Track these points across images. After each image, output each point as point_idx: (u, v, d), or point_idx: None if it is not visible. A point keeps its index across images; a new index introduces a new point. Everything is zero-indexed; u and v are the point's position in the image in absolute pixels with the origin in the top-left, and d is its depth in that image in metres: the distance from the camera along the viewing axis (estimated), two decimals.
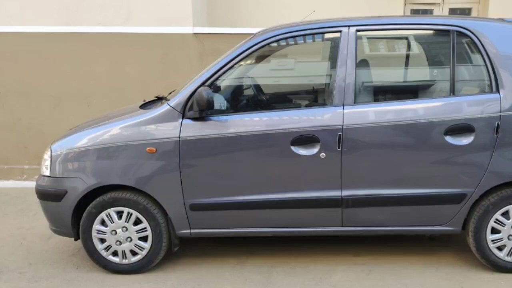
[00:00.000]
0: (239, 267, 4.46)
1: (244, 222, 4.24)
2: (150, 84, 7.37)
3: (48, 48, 7.50)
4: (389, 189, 4.10)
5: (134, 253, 4.31)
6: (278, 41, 4.26)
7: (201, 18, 8.16)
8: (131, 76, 7.55)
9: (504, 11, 7.11)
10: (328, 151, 4.01)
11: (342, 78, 4.06)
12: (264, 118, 4.13)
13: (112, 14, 7.44)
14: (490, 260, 4.22)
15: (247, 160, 4.10)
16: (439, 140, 4.00)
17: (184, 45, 7.45)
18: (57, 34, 7.46)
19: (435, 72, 4.66)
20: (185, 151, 4.05)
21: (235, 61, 4.15)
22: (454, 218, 4.17)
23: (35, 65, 7.54)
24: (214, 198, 4.15)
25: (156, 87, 6.89)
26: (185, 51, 7.47)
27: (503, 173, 4.05)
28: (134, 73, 7.55)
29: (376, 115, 4.04)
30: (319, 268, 4.41)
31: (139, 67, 7.53)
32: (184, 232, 4.27)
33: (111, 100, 7.45)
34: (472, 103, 4.03)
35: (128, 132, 4.11)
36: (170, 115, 4.09)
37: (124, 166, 4.12)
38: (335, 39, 4.28)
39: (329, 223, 4.22)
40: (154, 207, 4.19)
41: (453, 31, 4.09)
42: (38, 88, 7.61)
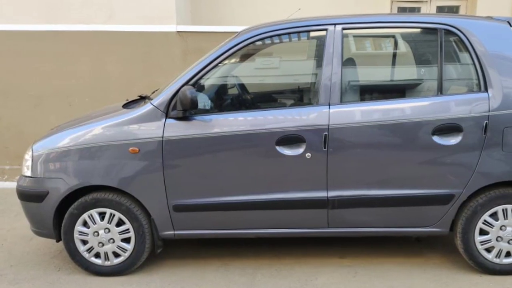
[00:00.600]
0: (223, 269, 4.52)
1: (228, 223, 4.31)
2: (133, 83, 7.43)
3: (28, 47, 7.54)
4: (376, 190, 4.17)
5: (117, 255, 4.36)
6: (263, 40, 4.32)
7: (184, 16, 8.23)
8: (114, 75, 7.60)
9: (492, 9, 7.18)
10: (314, 151, 4.07)
11: (328, 77, 4.12)
12: (248, 117, 4.19)
13: (94, 12, 7.49)
14: (478, 262, 4.29)
15: (232, 161, 4.16)
16: (427, 140, 4.06)
17: (168, 43, 7.51)
18: (37, 33, 7.50)
19: (423, 71, 4.72)
20: (168, 151, 4.11)
21: (219, 60, 4.21)
22: (441, 219, 4.24)
23: (15, 64, 7.59)
24: (198, 199, 4.21)
25: (139, 86, 7.00)
26: (168, 50, 7.53)
27: (492, 174, 4.12)
28: (117, 72, 7.60)
29: (362, 115, 4.11)
30: (305, 270, 4.48)
31: (121, 66, 7.58)
32: (168, 234, 4.33)
33: (93, 100, 7.50)
34: (460, 103, 4.09)
35: (110, 132, 4.17)
36: (153, 114, 4.15)
37: (106, 167, 4.17)
38: (321, 37, 4.34)
39: (314, 224, 4.29)
40: (137, 208, 4.25)
41: (440, 30, 4.16)
42: (18, 88, 7.65)
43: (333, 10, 5.74)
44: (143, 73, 7.53)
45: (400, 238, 5.07)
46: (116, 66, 7.59)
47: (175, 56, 7.52)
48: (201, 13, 8.81)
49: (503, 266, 4.28)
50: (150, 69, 7.52)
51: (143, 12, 7.48)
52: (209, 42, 6.22)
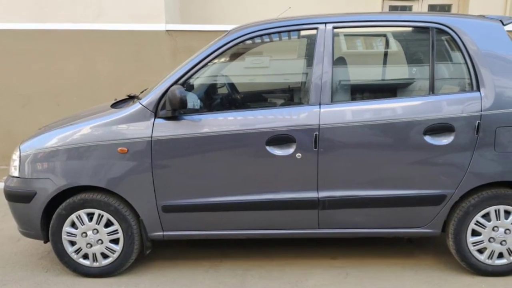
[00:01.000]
0: (213, 270, 4.55)
1: (218, 224, 4.34)
2: (122, 82, 7.47)
3: (16, 46, 7.58)
4: (367, 190, 4.20)
5: (105, 256, 4.39)
6: (253, 39, 4.35)
7: (174, 15, 8.27)
8: (102, 74, 7.64)
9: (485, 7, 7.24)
10: (304, 151, 4.10)
11: (319, 76, 4.15)
12: (238, 117, 4.22)
13: (83, 11, 7.53)
14: (471, 263, 4.33)
15: (221, 161, 4.19)
16: (418, 140, 4.09)
17: (157, 42, 7.56)
18: (26, 31, 7.55)
19: (414, 70, 4.76)
20: (157, 151, 4.14)
21: (209, 59, 4.23)
22: (433, 220, 4.28)
23: (3, 63, 7.63)
24: (187, 199, 4.24)
25: (128, 85, 7.06)
26: (157, 49, 7.58)
27: (484, 174, 4.16)
28: (105, 71, 7.65)
29: (353, 115, 4.13)
30: (295, 271, 4.51)
31: (110, 65, 7.63)
32: (157, 235, 4.36)
33: (81, 99, 7.55)
34: (452, 102, 4.12)
35: (99, 132, 4.20)
36: (142, 114, 4.18)
37: (94, 167, 4.20)
38: (311, 36, 4.36)
39: (305, 225, 4.32)
40: (125, 209, 4.28)
41: (432, 28, 4.19)
42: (6, 87, 7.70)
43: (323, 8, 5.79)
44: (132, 72, 7.57)
45: (391, 239, 5.09)
46: (105, 65, 7.63)
47: (164, 55, 7.58)
48: (190, 11, 8.88)
49: (496, 267, 4.32)
50: (139, 68, 7.57)
51: (132, 11, 7.53)
52: (199, 41, 6.25)
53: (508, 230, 4.22)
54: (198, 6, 8.99)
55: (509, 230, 4.22)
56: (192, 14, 8.91)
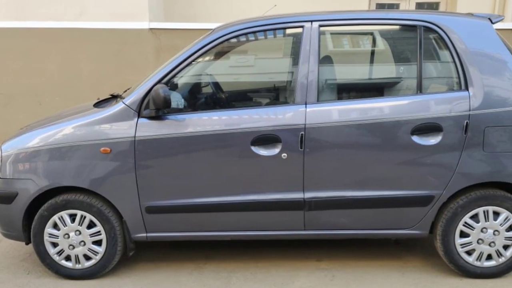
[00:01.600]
0: (197, 273, 4.54)
1: (202, 225, 4.34)
2: (105, 81, 7.46)
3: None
4: (354, 191, 4.20)
5: (88, 258, 4.38)
6: (238, 37, 4.32)
7: (157, 13, 8.27)
8: (85, 73, 7.63)
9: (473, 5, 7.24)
10: (290, 151, 4.09)
11: (305, 75, 4.14)
12: (223, 117, 4.21)
13: (65, 9, 7.53)
14: (459, 265, 4.32)
15: (206, 161, 4.18)
16: (406, 140, 4.09)
17: (140, 41, 7.55)
18: (6, 30, 7.55)
19: (402, 69, 4.75)
20: (140, 151, 4.13)
21: (193, 58, 4.22)
22: (421, 221, 4.27)
23: None
24: (171, 200, 4.23)
25: (111, 84, 7.01)
26: (141, 47, 7.57)
27: (472, 175, 4.15)
28: (88, 70, 7.64)
29: (340, 114, 4.13)
30: (281, 273, 4.51)
31: (93, 64, 7.62)
32: (140, 236, 4.35)
33: (63, 98, 7.55)
34: (440, 102, 4.12)
35: (81, 132, 4.19)
36: (125, 114, 4.16)
37: (77, 167, 4.18)
38: (297, 34, 4.35)
39: (291, 226, 4.31)
40: (108, 210, 4.27)
41: (420, 27, 4.19)
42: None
43: (310, 6, 5.76)
44: (115, 71, 7.56)
45: (378, 240, 5.10)
46: (87, 64, 7.63)
47: (148, 53, 7.58)
48: (174, 9, 8.87)
49: (484, 269, 4.32)
50: (122, 67, 7.56)
51: (115, 9, 7.52)
52: (183, 39, 6.23)
53: (497, 231, 4.22)
54: (182, 4, 8.99)
55: (498, 231, 4.22)
56: (176, 12, 8.90)
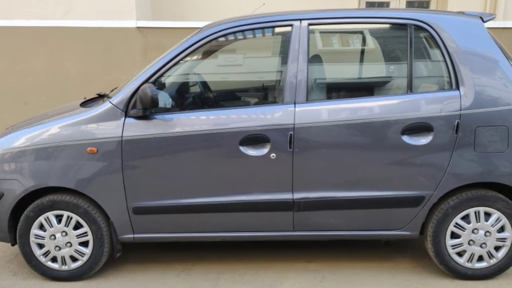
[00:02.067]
0: (185, 274, 4.52)
1: (190, 226, 4.32)
2: (91, 81, 7.43)
3: None
4: (343, 192, 4.18)
5: (74, 259, 4.36)
6: (226, 36, 4.31)
7: (145, 12, 8.23)
8: (71, 72, 7.60)
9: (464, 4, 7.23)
10: (279, 151, 4.07)
11: (294, 74, 4.12)
12: (211, 116, 4.19)
13: (51, 7, 7.49)
14: (450, 266, 4.30)
15: (194, 161, 4.16)
16: (396, 139, 4.07)
17: (127, 39, 7.52)
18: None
19: (392, 68, 4.74)
20: (128, 151, 4.10)
21: (180, 57, 4.20)
22: (411, 222, 4.25)
23: None
24: (158, 201, 4.21)
25: (98, 84, 7.00)
26: (128, 46, 7.54)
27: (463, 175, 4.13)
28: (74, 70, 7.60)
29: (329, 114, 4.11)
30: (269, 275, 4.49)
31: (79, 63, 7.58)
32: (127, 237, 4.33)
33: (50, 98, 7.51)
34: (430, 101, 4.10)
35: (67, 132, 4.16)
36: (112, 113, 4.14)
37: (63, 167, 4.16)
38: (286, 33, 4.33)
39: (280, 227, 4.29)
40: (95, 211, 4.24)
41: (410, 25, 4.16)
42: None
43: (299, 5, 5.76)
44: (102, 70, 7.53)
45: (368, 241, 5.09)
46: (73, 63, 7.59)
47: (135, 52, 7.54)
48: (161, 8, 8.84)
49: (475, 270, 4.30)
50: (109, 66, 7.52)
51: (102, 7, 7.49)
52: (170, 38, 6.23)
53: (488, 232, 4.20)
54: (170, 2, 8.95)
55: (489, 232, 4.20)
56: (164, 10, 8.87)
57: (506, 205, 4.19)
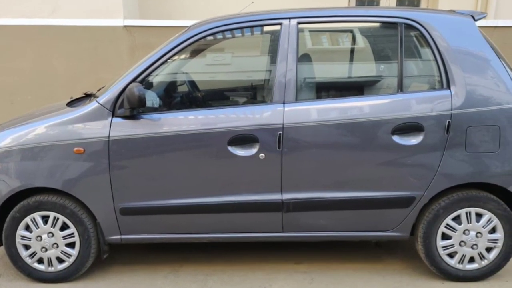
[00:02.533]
0: (173, 276, 4.49)
1: (178, 227, 4.29)
2: (78, 80, 7.40)
3: None
4: (333, 192, 4.15)
5: (61, 260, 4.32)
6: (214, 34, 4.29)
7: (132, 10, 8.22)
8: (58, 71, 7.57)
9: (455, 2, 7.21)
10: (268, 151, 4.04)
11: (283, 73, 4.09)
12: (199, 116, 4.16)
13: (38, 5, 7.46)
14: (440, 267, 4.28)
15: (181, 161, 4.13)
16: (386, 139, 4.04)
17: (114, 38, 7.49)
18: None
19: (382, 68, 4.72)
20: (115, 151, 4.08)
21: (168, 56, 4.17)
22: (402, 223, 4.23)
23: None
24: (146, 201, 4.18)
25: (85, 83, 6.98)
26: (115, 45, 7.51)
27: (454, 175, 4.11)
28: (61, 69, 7.58)
29: (319, 113, 4.08)
30: (258, 276, 4.46)
31: (66, 62, 7.55)
32: (114, 238, 4.30)
33: (36, 97, 7.48)
34: (421, 101, 4.08)
35: (54, 132, 4.13)
36: (99, 113, 4.11)
37: (50, 168, 4.13)
38: (275, 32, 4.31)
39: (269, 228, 4.27)
40: (82, 212, 4.21)
41: (401, 24, 4.14)
42: None
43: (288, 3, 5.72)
44: (89, 69, 7.50)
45: (358, 243, 5.07)
46: (60, 62, 7.56)
47: (122, 51, 7.52)
48: (149, 6, 8.82)
49: (466, 272, 4.28)
50: (96, 65, 7.49)
51: (89, 6, 7.46)
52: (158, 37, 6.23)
53: (479, 233, 4.18)
54: (157, 0, 8.93)
55: (481, 233, 4.18)
56: (151, 9, 8.85)
57: (497, 206, 4.16)
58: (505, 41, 6.90)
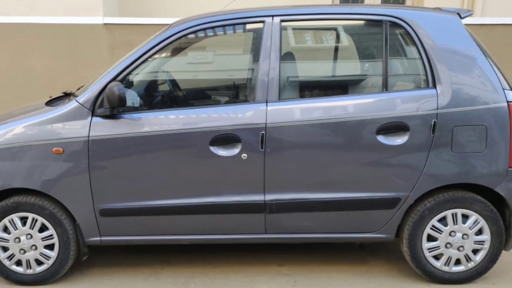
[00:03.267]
0: (154, 278, 4.44)
1: (159, 228, 4.23)
2: (57, 79, 7.35)
3: None
4: (317, 193, 4.11)
5: (40, 263, 4.26)
6: (196, 32, 4.24)
7: (112, 7, 8.17)
8: (36, 70, 7.53)
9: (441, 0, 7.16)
10: (250, 151, 4.00)
11: (265, 72, 4.05)
12: (180, 116, 4.11)
13: (15, 3, 7.42)
14: (426, 270, 4.23)
15: (162, 162, 4.08)
16: (371, 139, 4.00)
17: (94, 36, 7.45)
18: None
19: (367, 66, 4.68)
20: (94, 151, 4.02)
21: (149, 54, 4.12)
22: (387, 225, 4.19)
23: None
24: (126, 202, 4.13)
25: (64, 82, 6.93)
26: (95, 43, 7.47)
27: (440, 176, 4.07)
28: (40, 67, 7.53)
29: (302, 113, 4.04)
30: (240, 278, 4.41)
31: (45, 60, 7.51)
32: (94, 240, 4.25)
33: (14, 97, 7.42)
34: (406, 100, 4.04)
35: (32, 131, 4.07)
36: (79, 112, 4.05)
37: (28, 168, 4.07)
38: (257, 30, 4.27)
39: (251, 229, 4.23)
40: (61, 213, 4.15)
41: (386, 22, 4.10)
42: None
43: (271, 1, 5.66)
44: (68, 68, 7.45)
45: (342, 244, 5.02)
46: (39, 61, 7.51)
47: (102, 50, 7.47)
48: (129, 4, 8.78)
49: (453, 274, 4.23)
50: (75, 64, 7.44)
51: (68, 3, 7.41)
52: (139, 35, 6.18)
53: (465, 235, 4.12)
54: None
55: (467, 235, 4.12)
56: (131, 6, 8.79)
57: (484, 207, 4.10)
58: (491, 39, 6.87)
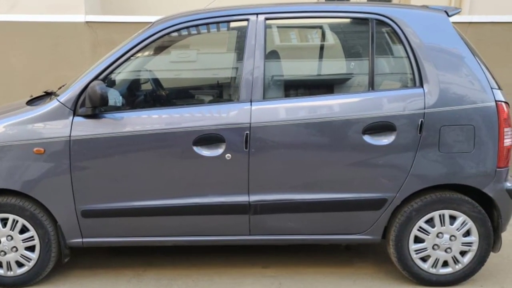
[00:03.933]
0: (136, 280, 4.40)
1: (141, 230, 4.19)
2: (38, 78, 7.30)
3: None
4: (302, 194, 4.08)
5: (20, 264, 4.20)
6: (179, 31, 4.21)
7: (94, 5, 8.13)
8: (17, 69, 7.49)
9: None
10: (234, 151, 3.96)
11: (250, 71, 4.01)
12: (163, 115, 4.07)
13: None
14: (413, 272, 4.19)
15: (145, 162, 4.04)
16: (357, 139, 3.96)
17: (76, 34, 7.41)
18: None
19: (353, 65, 4.64)
20: (76, 151, 3.98)
21: (131, 53, 4.08)
22: (373, 226, 4.15)
23: None
24: (108, 203, 4.08)
25: (45, 81, 6.87)
26: (76, 42, 7.43)
27: (427, 176, 4.03)
28: (20, 66, 7.50)
29: (287, 112, 4.01)
30: (224, 281, 4.37)
31: (25, 59, 7.47)
32: (76, 241, 4.19)
33: None
34: (393, 99, 4.01)
35: (13, 131, 4.02)
36: (60, 112, 4.01)
37: (8, 168, 4.02)
38: (242, 28, 4.24)
39: (235, 231, 4.18)
40: (42, 214, 4.10)
41: (372, 20, 4.06)
42: None
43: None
44: (49, 66, 7.41)
45: (328, 246, 4.98)
46: (19, 59, 7.48)
47: (84, 48, 7.43)
48: (111, 2, 8.72)
49: (440, 276, 4.19)
50: (57, 62, 7.39)
51: (49, 1, 7.36)
52: (121, 33, 6.12)
53: (453, 236, 4.08)
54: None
55: (455, 236, 4.08)
56: (113, 4, 8.74)
57: (472, 208, 4.06)
58: (479, 37, 6.85)
